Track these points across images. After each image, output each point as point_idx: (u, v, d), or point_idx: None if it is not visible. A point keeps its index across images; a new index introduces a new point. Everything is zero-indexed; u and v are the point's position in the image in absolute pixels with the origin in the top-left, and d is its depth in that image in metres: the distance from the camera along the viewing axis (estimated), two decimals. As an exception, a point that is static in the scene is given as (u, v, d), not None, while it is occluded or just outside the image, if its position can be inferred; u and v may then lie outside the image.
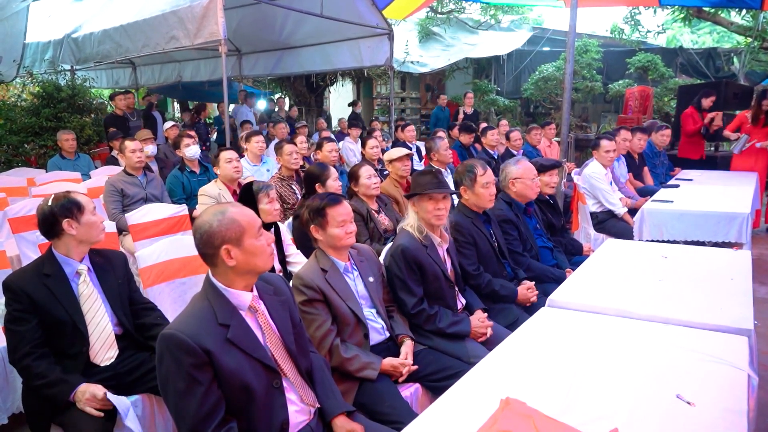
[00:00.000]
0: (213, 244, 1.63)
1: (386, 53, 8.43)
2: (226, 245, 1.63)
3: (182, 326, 1.58)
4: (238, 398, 1.61)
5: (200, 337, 1.55)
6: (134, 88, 11.35)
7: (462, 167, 3.01)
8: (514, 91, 13.53)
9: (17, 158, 7.27)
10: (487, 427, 1.42)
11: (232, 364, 1.59)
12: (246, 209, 1.72)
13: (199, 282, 3.02)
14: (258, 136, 5.27)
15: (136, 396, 2.22)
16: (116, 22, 6.89)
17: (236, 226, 1.64)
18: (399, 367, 2.23)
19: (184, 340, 1.53)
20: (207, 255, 1.67)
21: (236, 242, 1.64)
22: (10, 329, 2.07)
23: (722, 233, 4.01)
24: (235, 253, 1.64)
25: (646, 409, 1.48)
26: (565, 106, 5.37)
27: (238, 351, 1.62)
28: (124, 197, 4.25)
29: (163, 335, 1.56)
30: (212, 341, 1.57)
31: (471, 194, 2.95)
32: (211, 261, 1.67)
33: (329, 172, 3.55)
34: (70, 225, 2.16)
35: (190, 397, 1.53)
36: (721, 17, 10.50)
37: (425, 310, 2.47)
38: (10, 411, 2.59)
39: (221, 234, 1.63)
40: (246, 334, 1.67)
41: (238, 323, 1.66)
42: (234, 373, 1.59)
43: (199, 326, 1.58)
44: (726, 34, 15.75)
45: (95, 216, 2.25)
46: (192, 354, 1.53)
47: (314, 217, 2.27)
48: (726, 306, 2.12)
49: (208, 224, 1.64)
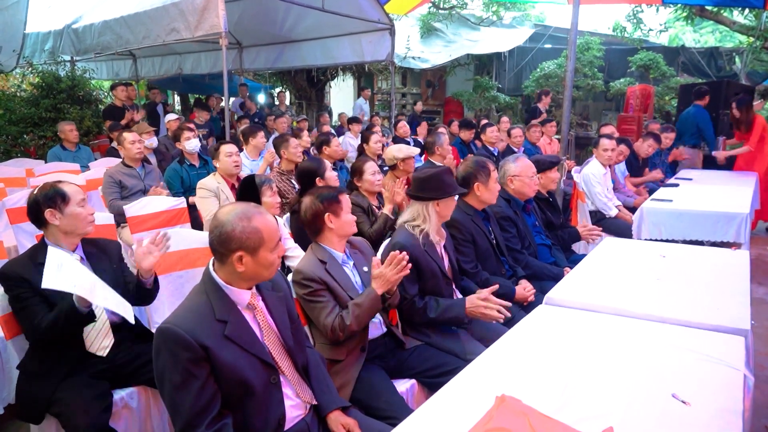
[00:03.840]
0: (228, 247, 1.61)
1: (387, 48, 8.41)
2: (240, 252, 1.61)
3: (179, 321, 1.57)
4: (236, 393, 1.61)
5: (197, 332, 1.55)
6: (134, 79, 11.30)
7: (474, 163, 2.95)
8: (515, 88, 13.50)
9: (16, 149, 7.25)
10: (482, 424, 1.42)
11: (230, 359, 1.59)
12: (271, 219, 1.69)
13: (197, 275, 3.04)
14: (261, 132, 5.26)
15: (132, 388, 2.23)
16: (117, 14, 6.86)
17: (257, 237, 1.62)
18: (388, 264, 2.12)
19: (181, 335, 1.52)
20: (218, 252, 1.65)
21: (252, 252, 1.62)
22: (18, 309, 2.08)
23: (721, 233, 4.01)
24: (246, 261, 1.62)
25: (642, 408, 1.48)
26: (566, 104, 5.36)
27: (236, 347, 1.62)
28: (122, 189, 4.24)
29: (160, 329, 1.56)
30: (209, 337, 1.57)
31: (484, 190, 2.92)
32: (219, 258, 1.66)
33: (325, 164, 3.59)
34: (52, 215, 2.17)
35: (185, 392, 1.53)
36: (723, 16, 10.47)
37: (414, 303, 2.45)
38: (6, 401, 2.59)
39: (240, 240, 1.60)
40: (244, 331, 1.66)
41: (235, 319, 1.65)
42: (231, 368, 1.59)
43: (196, 321, 1.58)
44: (728, 33, 15.71)
45: (82, 208, 2.24)
46: (189, 349, 1.53)
47: (329, 204, 2.27)
48: (723, 306, 2.12)
49: (231, 226, 1.61)
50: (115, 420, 2.12)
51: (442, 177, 2.54)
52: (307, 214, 2.28)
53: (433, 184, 2.52)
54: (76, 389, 2.05)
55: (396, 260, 2.10)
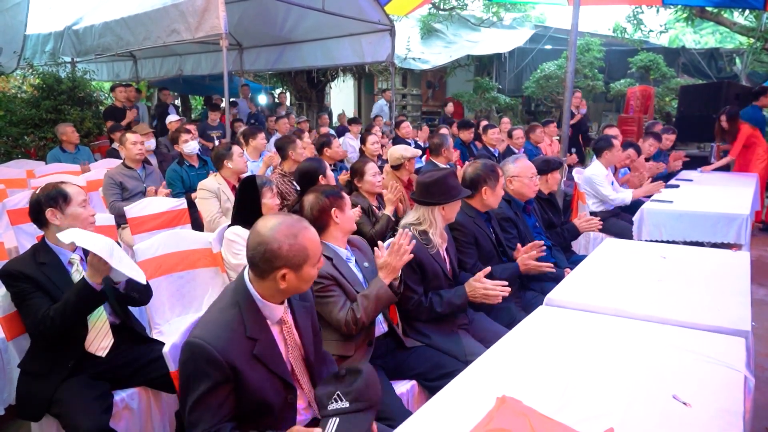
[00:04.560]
0: (273, 265, 1.56)
1: (388, 49, 8.41)
2: (285, 270, 1.57)
3: (211, 337, 1.53)
4: (253, 411, 1.60)
5: (228, 351, 1.52)
6: (135, 81, 11.31)
7: (484, 167, 2.92)
8: (516, 89, 13.52)
9: (17, 150, 7.26)
10: (482, 425, 1.42)
11: (254, 381, 1.57)
12: (315, 233, 1.66)
13: (198, 276, 3.05)
14: (261, 133, 5.28)
15: (132, 389, 2.23)
16: (117, 15, 6.88)
17: (303, 254, 1.58)
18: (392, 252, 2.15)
19: (213, 354, 1.50)
20: (259, 268, 1.59)
21: (296, 268, 1.58)
22: (21, 306, 2.08)
23: (721, 234, 4.01)
24: (289, 278, 1.58)
25: (642, 409, 1.48)
26: (566, 105, 5.36)
27: (262, 368, 1.60)
28: (123, 190, 4.24)
29: (191, 344, 1.53)
30: (239, 356, 1.54)
31: (491, 194, 2.90)
32: (259, 274, 1.60)
33: (324, 165, 3.62)
34: (53, 215, 2.17)
35: (205, 407, 1.52)
36: (723, 17, 10.48)
37: (422, 303, 2.46)
38: (6, 402, 2.60)
39: (286, 258, 1.56)
40: (271, 350, 1.64)
41: (265, 337, 1.63)
42: (254, 390, 1.57)
43: (228, 339, 1.54)
44: (729, 34, 15.72)
45: (83, 209, 2.25)
46: (218, 369, 1.51)
47: (335, 199, 2.29)
48: (724, 307, 2.12)
49: (278, 244, 1.55)
50: (116, 421, 2.12)
51: (447, 180, 2.53)
52: (314, 209, 2.27)
53: (439, 188, 2.50)
54: (76, 390, 2.05)
55: (397, 246, 2.14)
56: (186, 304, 3.01)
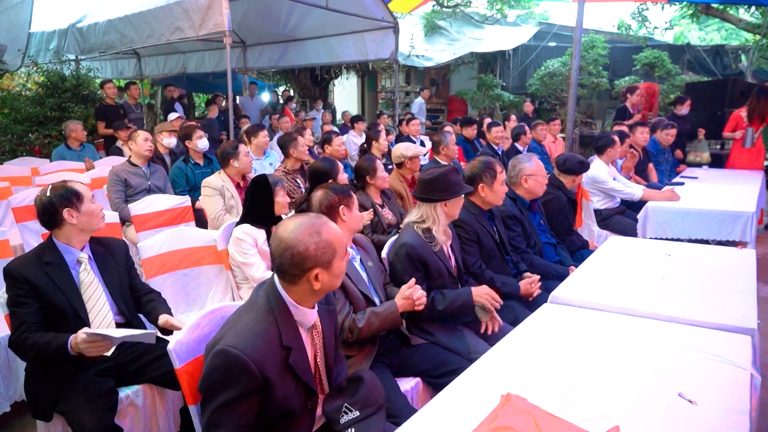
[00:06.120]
0: (303, 267, 1.53)
1: (391, 47, 8.40)
2: (317, 269, 1.54)
3: (248, 347, 1.48)
4: (275, 419, 1.58)
5: (264, 364, 1.49)
6: (138, 78, 11.34)
7: (480, 164, 2.92)
8: (520, 86, 13.45)
9: (21, 147, 7.29)
10: (487, 422, 1.42)
11: (284, 391, 1.54)
12: (336, 227, 1.63)
13: (202, 273, 3.06)
14: (264, 131, 5.27)
15: (137, 386, 2.23)
16: (121, 13, 6.89)
17: (330, 249, 1.55)
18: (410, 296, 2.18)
19: (250, 366, 1.46)
20: (289, 274, 1.55)
21: (327, 265, 1.55)
22: (12, 312, 2.08)
23: (726, 232, 3.99)
24: (322, 277, 1.55)
25: (648, 407, 1.48)
26: (570, 102, 5.35)
27: (293, 377, 1.58)
28: (127, 187, 4.25)
29: (227, 353, 1.47)
30: (274, 367, 1.52)
31: (489, 192, 2.90)
32: (290, 280, 1.57)
33: (338, 166, 3.59)
34: (70, 214, 2.16)
35: (232, 412, 1.49)
36: (729, 14, 10.42)
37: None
38: (12, 399, 2.61)
39: (316, 258, 1.53)
40: (303, 358, 1.62)
41: (298, 345, 1.60)
42: (282, 398, 1.54)
43: (265, 350, 1.51)
44: (734, 31, 15.62)
45: (94, 204, 2.25)
46: (252, 380, 1.47)
47: (343, 197, 2.30)
48: (729, 305, 2.11)
49: (304, 246, 1.52)
50: (121, 418, 2.13)
51: (448, 177, 2.53)
52: (322, 206, 2.27)
53: (440, 185, 2.51)
54: (81, 387, 2.05)
55: (420, 295, 2.18)
56: (190, 302, 3.01)
